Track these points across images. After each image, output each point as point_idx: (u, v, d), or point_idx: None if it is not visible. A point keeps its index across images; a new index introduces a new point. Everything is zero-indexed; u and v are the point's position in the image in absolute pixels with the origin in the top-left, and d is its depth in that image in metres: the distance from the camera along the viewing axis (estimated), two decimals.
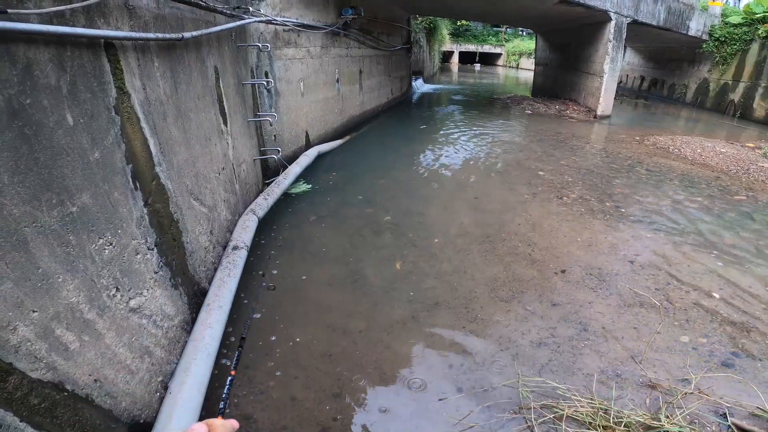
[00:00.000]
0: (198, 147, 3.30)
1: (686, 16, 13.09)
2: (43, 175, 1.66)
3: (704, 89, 14.74)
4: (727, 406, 2.43)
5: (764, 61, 12.14)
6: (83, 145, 1.89)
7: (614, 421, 2.29)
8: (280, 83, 6.21)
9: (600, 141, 9.63)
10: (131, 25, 2.40)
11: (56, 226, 1.70)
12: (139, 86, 2.43)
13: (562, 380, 2.63)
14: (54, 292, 1.68)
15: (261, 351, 2.87)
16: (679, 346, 2.97)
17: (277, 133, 6.20)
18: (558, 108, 13.51)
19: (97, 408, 1.85)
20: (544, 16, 13.64)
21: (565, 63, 15.09)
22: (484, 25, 39.84)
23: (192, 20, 3.39)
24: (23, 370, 1.52)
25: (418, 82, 19.10)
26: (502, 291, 3.61)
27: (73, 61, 1.86)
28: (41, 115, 1.66)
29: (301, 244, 4.38)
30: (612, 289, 3.65)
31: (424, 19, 21.09)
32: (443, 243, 4.46)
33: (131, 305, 2.16)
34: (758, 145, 9.17)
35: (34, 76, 1.64)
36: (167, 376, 2.37)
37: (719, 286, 3.73)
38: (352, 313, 3.31)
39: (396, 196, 5.88)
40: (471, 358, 2.85)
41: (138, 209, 2.30)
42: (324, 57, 7.97)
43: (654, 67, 18.14)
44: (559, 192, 6.00)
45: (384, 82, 12.55)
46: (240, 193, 4.54)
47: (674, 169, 7.31)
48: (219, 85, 3.97)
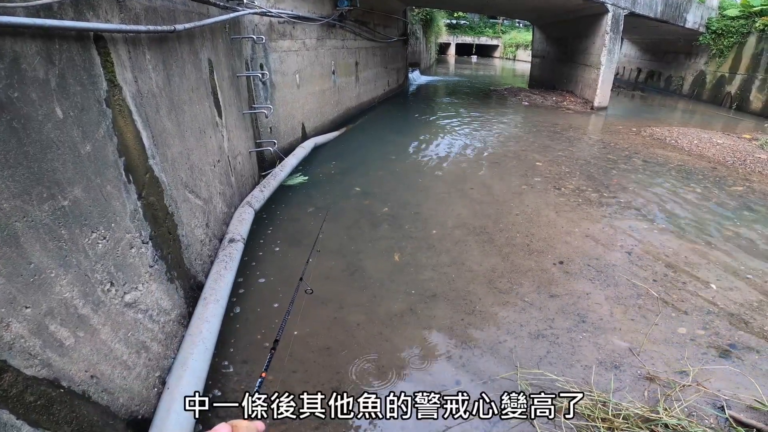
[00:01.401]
0: (192, 139, 3.26)
1: (683, 9, 13.02)
2: (33, 168, 1.62)
3: (701, 81, 14.71)
4: (724, 399, 2.44)
5: (761, 53, 12.11)
6: (74, 138, 1.85)
7: (613, 413, 2.29)
8: (275, 75, 6.15)
9: (597, 132, 9.61)
10: (121, 18, 2.36)
11: (48, 221, 1.67)
12: (131, 79, 2.38)
13: (560, 372, 2.63)
14: (47, 287, 1.65)
15: (259, 345, 2.86)
16: (676, 338, 2.98)
17: (273, 125, 6.15)
18: (555, 99, 13.47)
19: (94, 404, 1.84)
20: (542, 8, 13.57)
21: (562, 55, 15.01)
22: (481, 17, 39.53)
23: (184, 12, 3.33)
24: (17, 367, 1.50)
25: (414, 73, 19.00)
26: (500, 282, 3.61)
27: (61, 54, 1.82)
28: (30, 108, 1.62)
29: (298, 236, 4.36)
30: (610, 281, 3.65)
31: (421, 11, 20.92)
32: (441, 234, 4.44)
33: (126, 300, 2.14)
34: (755, 136, 9.18)
35: (22, 70, 1.60)
36: (165, 371, 2.36)
37: (716, 277, 3.74)
38: (351, 305, 3.30)
39: (393, 187, 5.85)
40: (469, 351, 2.84)
41: (131, 202, 2.27)
42: (320, 49, 7.89)
43: (651, 59, 18.08)
44: (556, 183, 5.99)
45: (380, 73, 12.47)
46: (236, 186, 4.50)
47: (671, 160, 7.31)
48: (213, 78, 3.92)
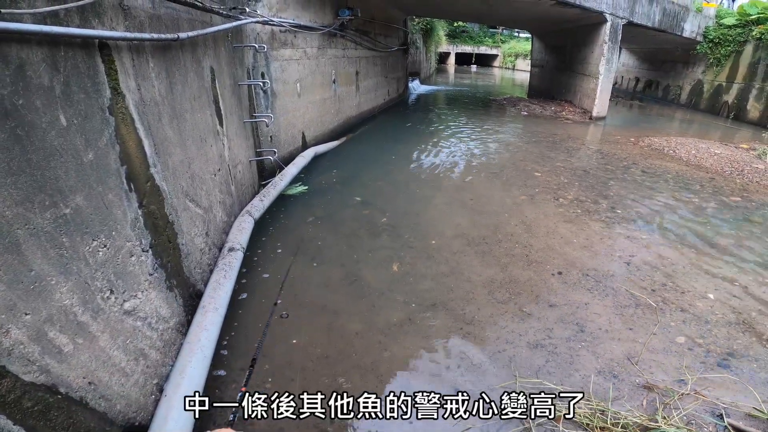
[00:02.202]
0: (193, 148, 3.28)
1: (681, 18, 13.16)
2: (35, 176, 1.64)
3: (698, 90, 14.82)
4: (723, 407, 2.44)
5: (758, 62, 12.21)
6: (77, 146, 1.87)
7: (611, 422, 2.29)
8: (276, 84, 6.19)
9: (595, 142, 9.66)
10: (126, 26, 2.39)
11: (49, 228, 1.69)
12: (134, 87, 2.41)
13: (559, 381, 2.63)
14: (47, 294, 1.66)
15: (257, 353, 2.86)
16: (675, 347, 2.98)
17: (273, 134, 6.18)
18: (554, 109, 13.55)
19: (91, 411, 1.84)
20: (540, 18, 13.70)
21: (560, 64, 15.14)
22: (481, 27, 39.89)
23: (188, 21, 3.38)
24: (16, 373, 1.50)
25: (414, 83, 19.11)
26: (499, 293, 3.61)
27: (66, 62, 1.84)
28: (34, 115, 1.64)
29: (297, 246, 4.37)
30: (608, 290, 3.65)
31: (421, 20, 21.11)
32: (440, 244, 4.45)
33: (126, 307, 2.14)
34: (752, 146, 9.22)
35: (27, 77, 1.62)
36: (162, 379, 2.35)
37: (714, 286, 3.75)
38: (350, 314, 3.30)
39: (393, 197, 5.87)
40: (468, 360, 2.84)
41: (132, 211, 2.28)
42: (320, 58, 7.96)
43: (649, 68, 18.24)
44: (555, 193, 6.01)
45: (381, 83, 12.55)
46: (236, 195, 4.52)
47: (669, 171, 7.35)
48: (215, 86, 3.95)
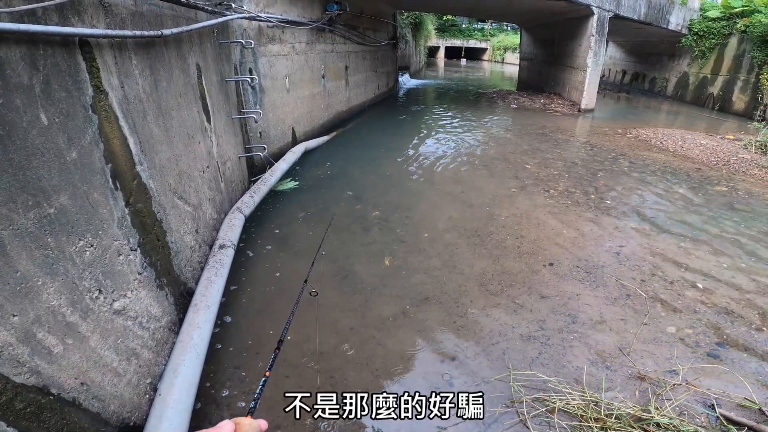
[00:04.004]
0: (181, 145, 3.24)
1: (666, 11, 13.26)
2: (18, 176, 1.60)
3: (684, 83, 14.98)
4: (714, 397, 2.47)
5: (743, 54, 12.36)
6: (59, 144, 1.83)
7: (605, 413, 2.31)
8: (264, 80, 6.13)
9: (584, 134, 9.73)
10: (107, 23, 2.34)
11: (33, 228, 1.65)
12: (117, 84, 2.36)
13: (552, 373, 2.65)
14: (34, 295, 1.63)
15: (251, 350, 2.85)
16: (665, 337, 3.02)
17: (262, 130, 6.13)
18: (543, 102, 13.61)
19: (84, 411, 1.81)
20: (529, 11, 13.73)
21: (549, 57, 15.19)
22: (470, 21, 39.90)
23: (172, 17, 3.32)
24: (6, 375, 1.48)
25: (404, 77, 19.07)
26: (491, 285, 3.63)
27: (46, 60, 1.80)
28: (14, 114, 1.60)
29: (289, 242, 4.34)
30: (599, 281, 3.69)
31: (410, 15, 21.06)
32: (432, 238, 4.46)
33: (115, 307, 2.11)
34: (738, 136, 9.36)
35: (6, 75, 1.58)
36: (156, 378, 2.33)
37: (703, 276, 3.80)
38: (343, 310, 3.29)
39: (384, 191, 5.86)
40: (462, 353, 2.85)
41: (119, 209, 2.25)
42: (309, 53, 7.89)
43: (635, 61, 18.38)
44: (545, 185, 6.05)
45: (370, 77, 12.49)
46: (226, 191, 4.48)
47: (656, 161, 7.42)
48: (201, 83, 3.89)
